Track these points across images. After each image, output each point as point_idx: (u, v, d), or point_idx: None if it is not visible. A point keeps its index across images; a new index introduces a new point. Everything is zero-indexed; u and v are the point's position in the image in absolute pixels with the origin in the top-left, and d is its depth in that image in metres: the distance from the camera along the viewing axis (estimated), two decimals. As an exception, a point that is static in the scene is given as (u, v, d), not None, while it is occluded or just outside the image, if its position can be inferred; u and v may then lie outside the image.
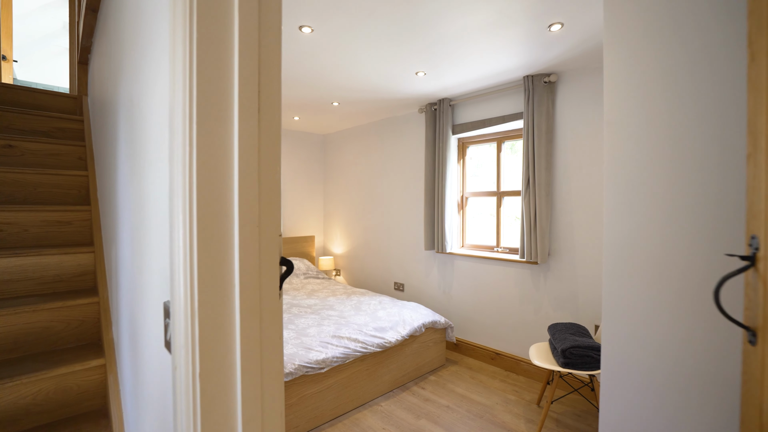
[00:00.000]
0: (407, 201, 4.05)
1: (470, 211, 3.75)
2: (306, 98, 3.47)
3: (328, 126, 4.66)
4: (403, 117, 4.07)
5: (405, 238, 4.09)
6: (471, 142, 3.66)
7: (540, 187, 2.82)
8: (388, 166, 4.26)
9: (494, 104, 3.25)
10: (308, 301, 3.32)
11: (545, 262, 2.82)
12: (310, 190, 5.03)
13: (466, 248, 3.70)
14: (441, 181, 3.54)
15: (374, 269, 4.47)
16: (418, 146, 3.94)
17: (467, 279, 3.51)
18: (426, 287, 3.88)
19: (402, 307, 3.14)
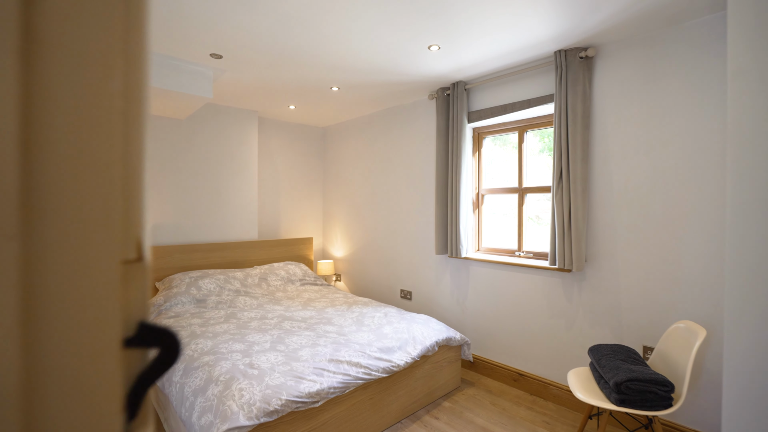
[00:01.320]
0: (416, 199, 3.63)
1: (487, 210, 3.32)
2: (301, 81, 3.05)
3: (327, 117, 4.24)
4: (411, 105, 3.64)
5: (413, 241, 3.66)
6: (488, 132, 3.23)
7: (575, 182, 2.38)
8: (394, 160, 3.84)
9: (518, 86, 2.82)
10: (303, 313, 2.90)
11: (581, 269, 2.39)
12: (308, 188, 4.62)
13: (483, 252, 3.27)
14: (454, 177, 3.11)
15: (378, 275, 4.05)
16: (428, 138, 3.52)
17: (485, 287, 3.08)
18: (437, 296, 3.46)
19: (411, 322, 2.71)
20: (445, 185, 3.24)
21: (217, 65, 2.69)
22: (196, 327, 2.54)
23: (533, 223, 3.02)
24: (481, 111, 3.04)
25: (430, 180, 3.49)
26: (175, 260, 3.42)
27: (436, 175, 3.24)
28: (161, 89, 2.63)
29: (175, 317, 2.76)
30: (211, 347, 2.19)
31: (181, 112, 3.22)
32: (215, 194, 3.72)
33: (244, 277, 3.48)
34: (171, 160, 3.46)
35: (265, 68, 2.75)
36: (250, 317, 2.77)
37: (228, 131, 3.79)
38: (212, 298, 3.07)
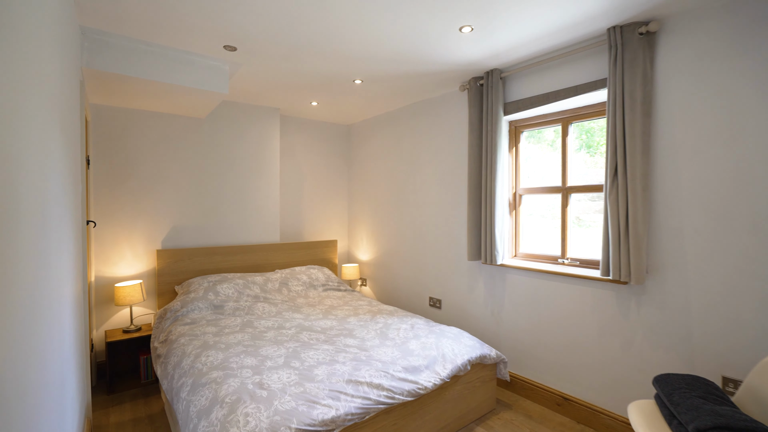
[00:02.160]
0: (446, 200, 3.35)
1: (525, 212, 3.00)
2: (321, 74, 2.85)
3: (352, 113, 4.04)
4: (441, 98, 3.37)
5: (443, 245, 3.38)
6: (527, 126, 2.90)
7: (634, 179, 2.03)
8: (422, 158, 3.58)
9: (562, 72, 2.49)
10: (323, 322, 2.70)
11: (641, 282, 2.03)
12: (332, 189, 4.44)
13: (520, 259, 2.94)
14: (489, 176, 2.81)
15: (406, 281, 3.80)
16: (459, 133, 3.23)
17: (523, 298, 2.76)
18: (469, 306, 3.16)
19: (440, 336, 2.45)
20: (479, 184, 2.94)
21: (232, 58, 2.54)
22: (210, 336, 2.39)
23: (574, 226, 2.67)
24: (518, 102, 2.72)
25: (462, 179, 3.21)
26: (195, 263, 3.32)
27: (469, 174, 2.95)
28: (176, 86, 2.50)
29: (190, 324, 2.63)
30: (222, 361, 2.03)
31: (199, 110, 3.11)
32: (237, 195, 3.61)
33: (264, 282, 3.32)
34: (192, 160, 3.36)
35: (281, 60, 2.57)
36: (267, 326, 2.60)
37: (249, 130, 3.67)
38: (230, 304, 2.93)
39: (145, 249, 3.16)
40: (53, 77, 1.29)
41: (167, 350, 2.39)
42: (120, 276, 3.06)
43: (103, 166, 2.98)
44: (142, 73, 2.36)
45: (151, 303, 3.22)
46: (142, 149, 3.14)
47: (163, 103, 2.94)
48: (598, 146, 2.62)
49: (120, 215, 3.05)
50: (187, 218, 3.35)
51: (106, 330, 2.99)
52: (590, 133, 2.66)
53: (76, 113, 2.04)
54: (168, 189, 3.25)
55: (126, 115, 3.06)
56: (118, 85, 2.50)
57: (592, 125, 2.62)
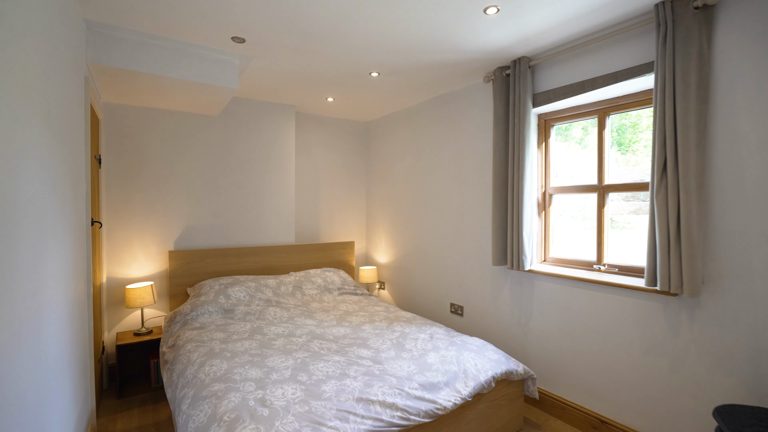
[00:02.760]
0: (469, 200, 3.13)
1: (555, 213, 2.75)
2: (335, 66, 2.70)
3: (369, 110, 3.87)
4: (463, 91, 3.15)
5: (466, 248, 3.17)
6: (557, 119, 2.65)
7: (687, 175, 1.77)
8: (444, 156, 3.37)
9: (600, 57, 2.23)
10: (336, 330, 2.54)
11: (695, 294, 1.76)
12: (350, 188, 4.29)
13: (550, 264, 2.69)
14: (517, 174, 2.58)
15: (425, 285, 3.60)
16: (483, 129, 3.01)
17: (554, 307, 2.52)
18: (494, 314, 2.93)
19: (462, 348, 2.24)
20: (504, 183, 2.71)
21: (241, 51, 2.42)
22: (217, 343, 2.28)
23: (608, 228, 2.41)
24: (549, 92, 2.48)
25: (486, 178, 2.98)
26: (208, 265, 3.23)
27: (494, 172, 2.73)
28: (185, 81, 2.40)
29: (199, 329, 2.52)
30: (225, 372, 1.89)
31: (211, 107, 3.02)
32: (251, 195, 3.51)
33: (277, 285, 3.20)
34: (204, 158, 3.28)
35: (292, 52, 2.43)
36: (277, 333, 2.46)
37: (264, 127, 3.56)
38: (240, 308, 2.82)
39: (158, 250, 3.10)
40: (36, 69, 1.18)
41: (174, 356, 2.29)
42: (132, 277, 3.00)
43: (116, 165, 2.93)
44: (149, 67, 2.27)
45: (164, 305, 3.15)
46: (154, 148, 3.07)
47: (173, 101, 2.86)
48: (630, 143, 2.36)
49: (132, 215, 2.99)
50: (200, 218, 3.27)
51: (118, 332, 2.94)
52: (622, 130, 2.42)
53: (80, 109, 1.96)
54: (181, 188, 3.18)
55: (138, 113, 3.01)
56: (126, 81, 2.42)
57: (624, 121, 2.35)
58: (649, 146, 2.25)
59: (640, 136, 2.29)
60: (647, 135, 2.27)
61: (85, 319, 2.04)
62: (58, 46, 1.47)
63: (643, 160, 2.29)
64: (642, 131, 2.30)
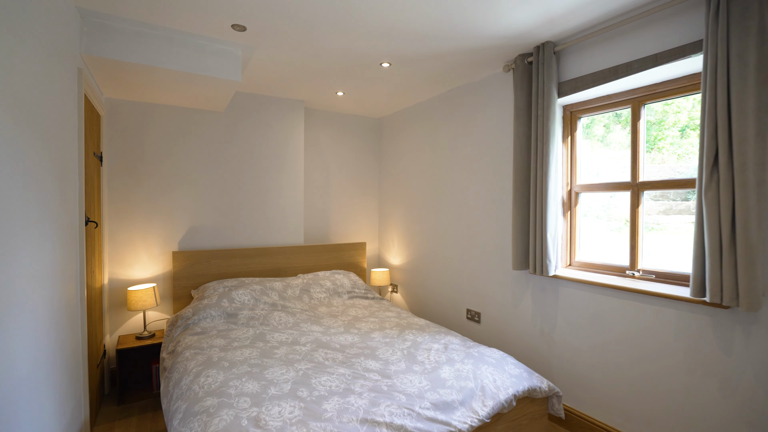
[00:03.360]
0: (487, 199, 2.92)
1: (581, 212, 2.52)
2: (344, 56, 2.53)
3: (381, 104, 3.70)
4: (481, 83, 2.94)
5: (484, 251, 2.96)
6: (585, 110, 2.42)
7: (744, 171, 1.53)
8: (460, 152, 3.17)
9: (635, 38, 2.00)
10: (343, 337, 2.38)
11: (754, 308, 1.52)
12: (361, 187, 4.12)
13: (576, 268, 2.46)
14: (540, 170, 2.36)
15: (440, 289, 3.40)
16: (503, 122, 2.79)
17: (581, 317, 2.29)
18: (514, 322, 2.72)
19: (479, 361, 2.04)
20: (527, 181, 2.50)
21: (243, 41, 2.28)
22: (216, 351, 2.14)
23: (653, 231, 2.17)
24: (577, 80, 2.25)
25: (506, 175, 2.76)
26: (212, 266, 3.12)
27: (514, 169, 2.51)
28: (185, 74, 2.28)
29: (199, 334, 2.40)
30: (220, 385, 1.75)
31: (215, 101, 2.90)
32: (258, 194, 3.38)
33: (284, 289, 3.06)
34: (210, 156, 3.17)
35: (298, 41, 2.27)
36: (280, 341, 2.31)
37: (272, 124, 3.43)
38: (244, 312, 2.69)
39: (161, 250, 3.00)
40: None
41: (172, 364, 2.16)
42: (135, 279, 2.91)
43: (118, 163, 2.84)
44: (147, 59, 2.15)
45: (167, 307, 3.05)
46: (158, 145, 2.97)
47: (176, 96, 2.75)
48: (655, 141, 2.17)
49: (135, 215, 2.90)
50: (205, 218, 3.16)
51: (120, 335, 2.85)
52: (646, 127, 2.21)
53: (72, 102, 1.85)
54: (185, 187, 3.08)
55: (141, 109, 2.91)
56: (123, 74, 2.31)
57: (650, 118, 2.10)
58: (676, 143, 2.08)
59: (666, 133, 2.11)
60: (674, 132, 2.10)
61: (77, 323, 1.93)
62: (37, 32, 1.35)
63: (669, 158, 2.12)
64: (668, 128, 2.12)
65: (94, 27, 2.02)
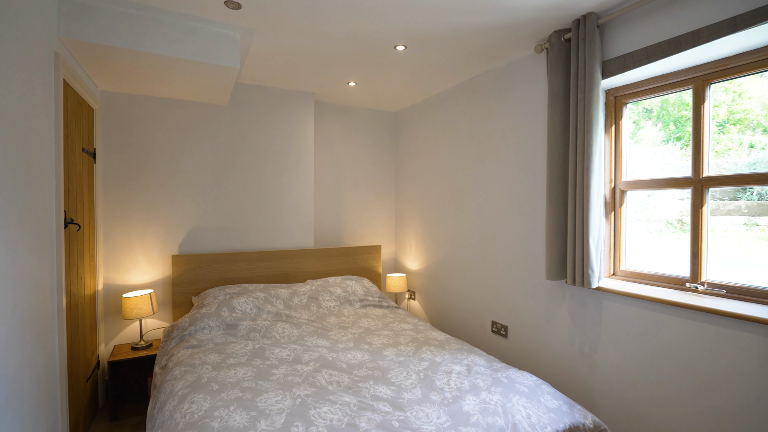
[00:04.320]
0: (515, 198, 2.59)
1: (628, 213, 2.16)
2: (353, 37, 2.26)
3: (397, 96, 3.41)
4: (509, 68, 2.61)
5: (512, 256, 2.63)
6: (633, 94, 2.07)
7: None
8: (484, 147, 2.85)
9: (701, 2, 1.64)
10: (352, 355, 2.10)
11: None
12: (377, 186, 3.85)
13: (621, 278, 2.11)
14: (581, 164, 2.02)
15: (462, 298, 3.08)
16: (534, 111, 2.46)
17: (631, 337, 1.94)
18: (547, 338, 2.38)
19: (509, 388, 1.72)
20: (564, 177, 2.16)
21: (240, 21, 2.04)
22: (208, 369, 1.90)
23: (677, 231, 1.83)
24: (626, 57, 1.90)
25: (538, 171, 2.43)
26: (215, 271, 2.90)
27: (548, 164, 2.18)
28: (175, 59, 2.06)
29: (194, 348, 2.17)
30: (204, 415, 1.50)
31: (215, 93, 2.68)
32: (264, 194, 3.15)
33: (290, 296, 2.81)
34: (213, 153, 2.96)
35: (300, 20, 2.02)
36: (280, 358, 2.06)
37: (280, 118, 3.20)
38: (245, 323, 2.45)
39: (161, 254, 2.81)
40: None
41: (161, 382, 1.94)
42: (132, 284, 2.72)
43: (114, 161, 2.66)
44: (133, 43, 1.94)
45: (166, 315, 2.86)
46: (157, 141, 2.78)
47: (173, 87, 2.54)
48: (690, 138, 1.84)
49: (132, 216, 2.72)
50: (208, 219, 2.95)
51: (116, 344, 2.67)
52: (680, 122, 1.94)
53: (47, 90, 1.65)
54: (186, 186, 2.88)
55: (139, 103, 2.72)
56: (111, 61, 2.11)
57: (684, 112, 1.73)
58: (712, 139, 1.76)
59: None
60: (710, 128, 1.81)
61: (52, 337, 1.73)
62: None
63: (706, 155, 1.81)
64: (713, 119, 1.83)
65: (74, 7, 1.82)
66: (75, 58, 2.05)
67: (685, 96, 1.92)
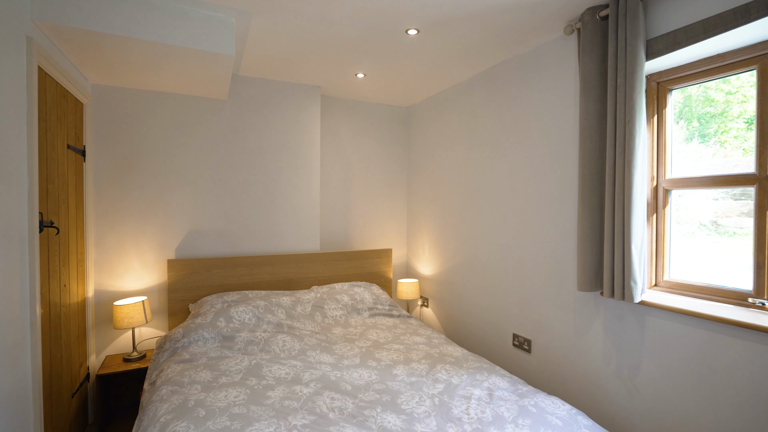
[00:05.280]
0: (540, 198, 2.33)
1: (673, 216, 1.89)
2: (360, 21, 2.04)
3: (409, 89, 3.18)
4: (533, 54, 2.36)
5: (536, 263, 2.37)
6: (681, 79, 1.79)
7: None
8: (505, 142, 2.59)
9: (778, -38, 1.37)
10: (358, 373, 1.88)
11: None
12: (388, 185, 3.62)
13: (665, 290, 1.84)
14: (621, 159, 1.76)
15: (480, 307, 2.83)
16: (561, 101, 2.20)
17: (681, 360, 1.67)
18: (577, 356, 2.11)
19: (539, 421, 1.47)
20: (599, 174, 1.90)
21: (235, 3, 1.83)
22: (196, 390, 1.70)
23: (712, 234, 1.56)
24: (677, 33, 1.63)
25: (567, 168, 2.17)
26: (214, 277, 2.72)
27: (581, 159, 1.92)
28: (163, 45, 1.87)
29: (186, 362, 1.98)
30: (183, 450, 1.30)
31: (211, 85, 2.50)
32: (267, 194, 2.96)
33: (292, 305, 2.61)
34: (212, 151, 2.78)
35: (301, 1, 1.80)
36: (278, 377, 1.85)
37: (283, 114, 3.00)
38: (243, 335, 2.25)
39: (156, 258, 2.63)
40: None
41: (147, 401, 1.75)
42: (126, 290, 2.56)
43: (106, 159, 2.50)
44: (116, 28, 1.75)
45: (162, 323, 2.68)
46: (152, 138, 2.61)
47: (166, 79, 2.36)
48: (715, 134, 1.74)
49: (126, 217, 2.55)
50: (206, 222, 2.77)
51: (108, 355, 2.50)
52: (704, 119, 1.74)
53: (18, 78, 1.48)
54: (184, 186, 2.70)
55: (133, 97, 2.56)
56: (95, 50, 1.94)
57: (709, 109, 1.45)
58: (740, 137, 1.63)
59: (729, 125, 1.67)
60: (738, 125, 1.66)
61: (25, 352, 1.56)
62: None
63: (733, 152, 1.67)
64: (732, 120, 1.67)
65: (50, -13, 1.65)
66: (57, 46, 1.88)
67: (710, 91, 1.68)
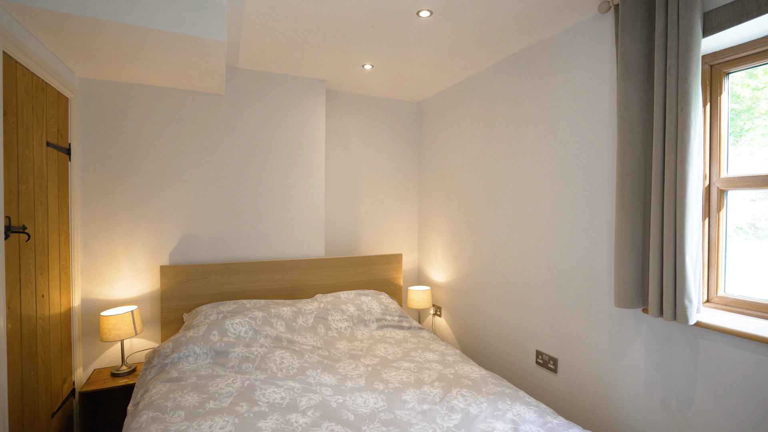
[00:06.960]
0: (568, 200, 2.07)
1: (732, 220, 1.62)
2: (366, 2, 1.81)
3: (421, 82, 2.94)
4: (560, 38, 2.10)
5: (563, 273, 2.11)
6: (740, 61, 1.52)
7: None
8: (526, 138, 2.34)
9: None
10: (362, 399, 1.66)
11: None
12: (398, 186, 3.39)
13: (720, 307, 1.56)
14: (671, 154, 1.50)
15: (498, 320, 2.58)
16: (592, 89, 1.94)
17: (747, 393, 1.40)
18: (612, 381, 1.85)
19: (577, 471, 1.23)
20: (643, 172, 1.63)
21: (224, -20, 1.64)
22: (179, 419, 1.50)
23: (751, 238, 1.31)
24: (744, 1, 1.37)
25: (600, 167, 1.90)
26: (210, 284, 2.53)
27: (620, 155, 1.66)
28: (147, 30, 1.68)
29: (173, 382, 1.79)
30: (151, 501, 1.09)
31: (205, 78, 2.31)
32: (268, 195, 2.76)
33: (293, 316, 2.40)
34: (209, 149, 2.59)
35: (298, -25, 1.59)
36: (272, 402, 1.64)
37: (286, 109, 2.80)
38: (237, 350, 2.05)
39: (149, 264, 2.46)
40: None
41: (126, 429, 1.56)
42: (116, 299, 2.39)
43: (95, 159, 2.33)
44: (90, 9, 1.57)
45: (154, 334, 2.50)
46: (145, 136, 2.44)
47: (156, 71, 2.18)
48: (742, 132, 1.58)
49: (116, 221, 2.38)
50: (203, 225, 2.59)
51: (96, 368, 2.33)
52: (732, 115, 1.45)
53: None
54: (178, 187, 2.52)
55: (123, 92, 2.39)
56: (74, 37, 1.76)
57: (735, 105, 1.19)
58: None
59: (756, 122, 1.55)
60: (764, 121, 1.53)
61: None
62: None
63: (759, 150, 1.53)
64: (759, 116, 1.54)
65: (17, -36, 1.47)
66: (30, 32, 1.71)
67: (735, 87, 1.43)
